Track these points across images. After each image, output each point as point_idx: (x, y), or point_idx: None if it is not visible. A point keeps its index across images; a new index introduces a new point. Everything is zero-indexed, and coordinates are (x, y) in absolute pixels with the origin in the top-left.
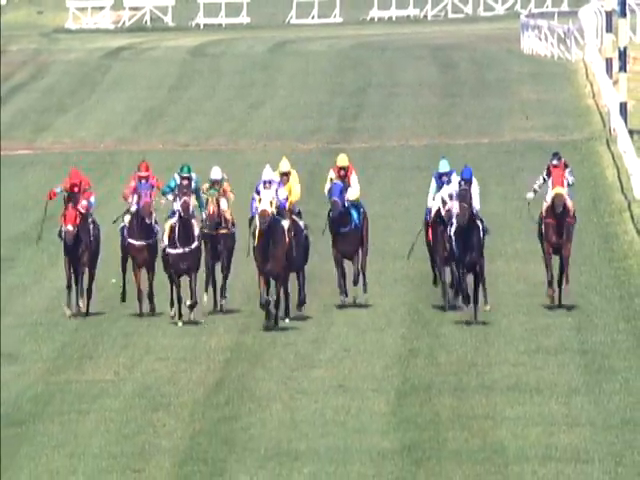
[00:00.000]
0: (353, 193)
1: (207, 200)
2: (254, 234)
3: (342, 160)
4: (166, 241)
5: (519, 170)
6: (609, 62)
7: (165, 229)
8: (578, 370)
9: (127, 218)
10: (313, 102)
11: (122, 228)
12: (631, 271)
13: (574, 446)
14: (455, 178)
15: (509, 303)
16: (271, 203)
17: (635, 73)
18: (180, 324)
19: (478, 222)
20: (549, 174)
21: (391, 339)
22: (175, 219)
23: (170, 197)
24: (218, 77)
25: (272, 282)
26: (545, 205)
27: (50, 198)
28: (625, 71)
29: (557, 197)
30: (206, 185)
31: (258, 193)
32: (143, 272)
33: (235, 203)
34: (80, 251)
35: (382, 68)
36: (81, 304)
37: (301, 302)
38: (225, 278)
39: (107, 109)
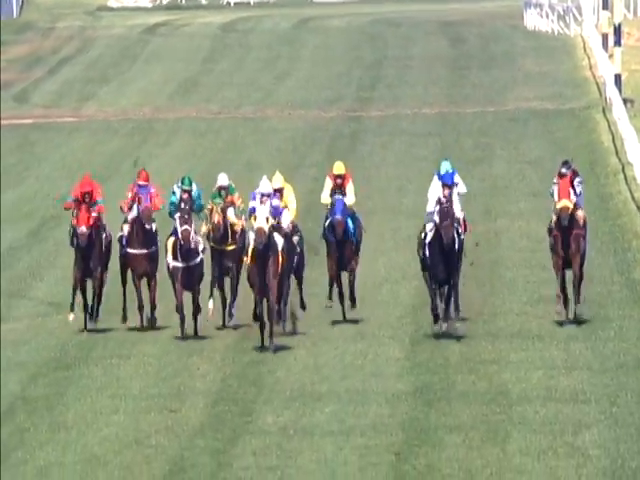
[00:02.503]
0: (349, 199)
1: (212, 209)
2: (247, 251)
3: (339, 168)
4: (170, 256)
5: (522, 136)
6: (605, 37)
7: (168, 246)
8: (576, 318)
9: (126, 228)
10: (333, 74)
11: (120, 237)
12: (625, 228)
13: (572, 388)
14: (435, 182)
15: (513, 258)
16: (267, 220)
17: (629, 47)
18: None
19: (455, 235)
20: (557, 183)
21: (405, 290)
22: (177, 236)
23: (177, 216)
24: (247, 51)
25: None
26: (554, 218)
27: (67, 208)
28: (620, 45)
29: (562, 210)
30: (215, 193)
31: (254, 198)
32: (143, 283)
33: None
34: (92, 257)
35: (397, 42)
36: (89, 324)
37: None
38: (233, 295)
39: (146, 80)
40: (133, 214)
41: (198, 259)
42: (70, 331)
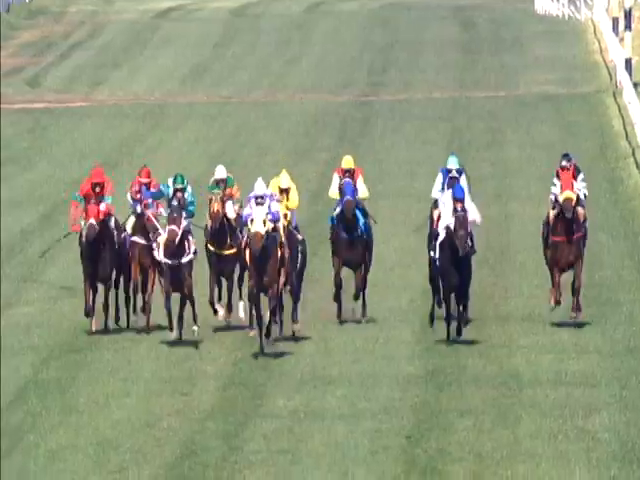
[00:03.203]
0: (362, 192)
1: (211, 199)
2: (245, 250)
3: (347, 162)
4: (162, 254)
5: (533, 120)
6: (615, 21)
7: (160, 243)
8: (586, 302)
9: (130, 223)
10: (345, 58)
11: (124, 237)
12: (635, 212)
13: (582, 372)
14: (447, 196)
15: (523, 242)
16: (264, 222)
17: (639, 31)
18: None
19: (468, 241)
20: (558, 177)
21: (416, 274)
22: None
23: (162, 207)
24: (258, 35)
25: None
26: (552, 214)
27: (75, 214)
28: (630, 29)
29: (566, 201)
30: (212, 184)
31: (249, 201)
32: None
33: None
34: (103, 259)
35: (408, 27)
36: (109, 323)
37: (294, 319)
38: (230, 295)
39: (157, 65)
40: (139, 209)
41: (187, 258)
42: (81, 315)
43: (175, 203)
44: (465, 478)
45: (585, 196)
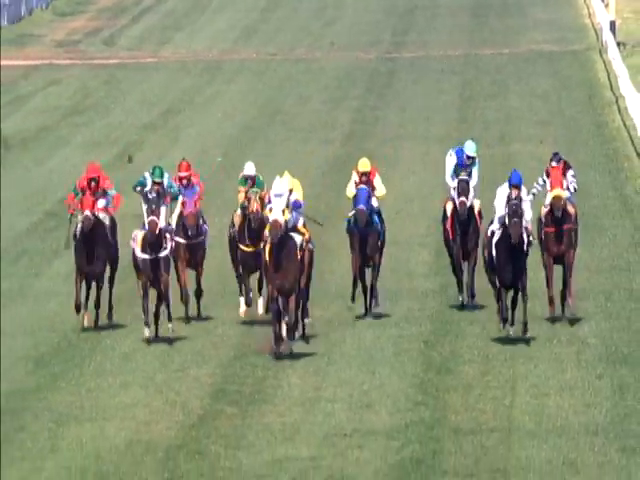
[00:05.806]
0: (379, 192)
1: (250, 199)
2: (264, 248)
3: (364, 165)
4: (139, 249)
5: (532, 74)
6: None
7: (137, 239)
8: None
9: (174, 221)
10: (372, 21)
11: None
12: (618, 151)
13: (574, 286)
14: (502, 188)
15: (524, 176)
16: (283, 212)
17: None
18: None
19: (524, 235)
20: (549, 175)
21: (432, 204)
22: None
23: (138, 189)
24: (299, 1)
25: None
26: (544, 210)
27: (71, 203)
28: None
29: (555, 199)
30: (242, 179)
31: (269, 201)
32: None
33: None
34: (95, 254)
35: None
36: (100, 320)
37: (304, 315)
38: (260, 289)
39: (214, 27)
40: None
41: (165, 252)
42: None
43: (154, 195)
44: (474, 376)
45: (575, 190)
